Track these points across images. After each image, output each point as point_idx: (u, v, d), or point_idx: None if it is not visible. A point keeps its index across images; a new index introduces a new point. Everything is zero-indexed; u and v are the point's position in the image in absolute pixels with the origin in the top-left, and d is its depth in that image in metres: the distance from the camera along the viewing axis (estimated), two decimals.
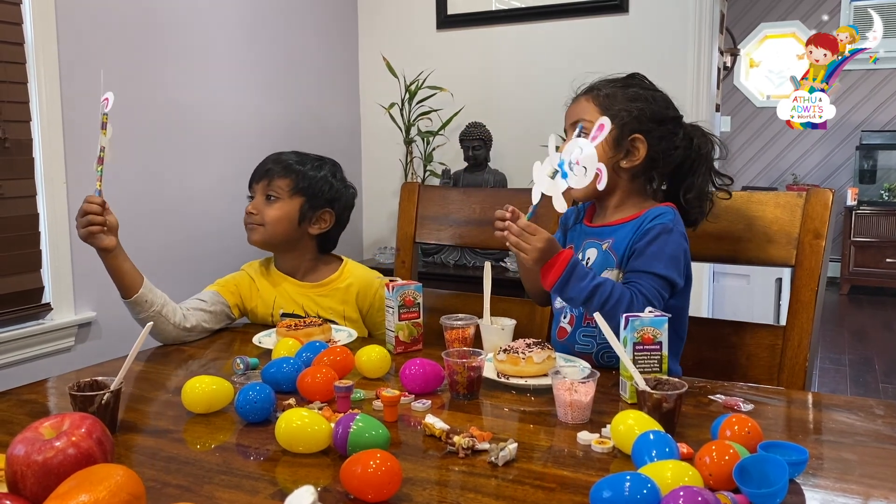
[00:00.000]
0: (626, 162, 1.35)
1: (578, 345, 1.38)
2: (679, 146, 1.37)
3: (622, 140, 1.34)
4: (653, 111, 1.34)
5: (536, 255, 1.21)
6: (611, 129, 1.28)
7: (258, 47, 2.72)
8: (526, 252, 1.22)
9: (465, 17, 3.05)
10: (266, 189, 1.64)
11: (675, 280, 1.29)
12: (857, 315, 5.16)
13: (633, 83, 1.39)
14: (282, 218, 1.63)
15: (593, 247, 1.39)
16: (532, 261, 1.22)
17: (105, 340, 2.16)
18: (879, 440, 0.98)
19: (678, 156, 1.37)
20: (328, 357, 1.22)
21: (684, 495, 0.70)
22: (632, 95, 1.35)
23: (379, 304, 1.69)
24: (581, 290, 1.22)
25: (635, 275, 1.28)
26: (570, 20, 2.89)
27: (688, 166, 1.39)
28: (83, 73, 2.08)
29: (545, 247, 1.22)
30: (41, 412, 1.13)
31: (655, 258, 1.28)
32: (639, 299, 1.23)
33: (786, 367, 1.39)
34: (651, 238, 1.29)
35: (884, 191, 5.88)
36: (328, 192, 1.68)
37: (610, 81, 1.39)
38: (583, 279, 1.22)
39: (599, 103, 1.35)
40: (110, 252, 1.41)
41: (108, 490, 0.69)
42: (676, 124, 1.37)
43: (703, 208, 1.39)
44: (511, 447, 0.91)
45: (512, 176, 2.96)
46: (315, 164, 1.69)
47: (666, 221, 1.30)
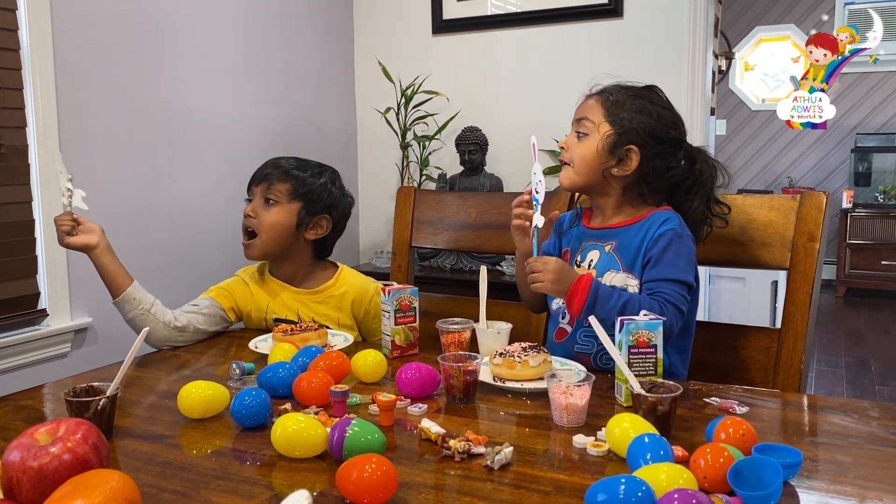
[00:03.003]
0: (618, 170, 1.35)
1: (578, 345, 1.38)
2: (674, 167, 1.37)
3: (618, 148, 1.34)
4: (653, 128, 1.34)
5: (552, 276, 1.26)
6: (609, 132, 1.33)
7: (254, 52, 2.72)
8: (542, 281, 1.27)
9: (460, 21, 3.06)
10: (265, 192, 1.65)
11: (693, 283, 1.32)
12: (853, 317, 5.17)
13: (645, 96, 1.38)
14: (279, 223, 1.63)
15: (595, 248, 1.39)
16: (550, 284, 1.27)
17: (101, 346, 2.16)
18: (874, 442, 0.98)
19: (674, 175, 1.37)
20: (324, 362, 1.22)
21: (679, 498, 0.71)
22: (639, 107, 1.35)
23: (374, 312, 1.69)
24: (610, 309, 1.23)
25: (657, 283, 1.29)
26: (565, 25, 2.89)
27: (685, 188, 1.39)
28: (79, 79, 2.08)
29: (558, 268, 1.27)
30: (37, 418, 1.13)
31: (673, 265, 1.29)
32: (668, 308, 1.25)
33: (781, 369, 1.40)
34: (665, 245, 1.30)
35: (879, 193, 5.90)
36: (326, 199, 1.68)
37: (624, 88, 1.39)
38: (609, 299, 1.24)
39: (606, 107, 1.36)
40: (93, 249, 1.46)
41: (103, 495, 0.69)
42: (676, 146, 1.37)
43: (699, 233, 1.40)
44: (507, 451, 0.91)
45: (508, 180, 2.96)
46: (315, 170, 1.70)
47: (675, 226, 1.32)
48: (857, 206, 5.76)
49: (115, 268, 1.49)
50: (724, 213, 1.42)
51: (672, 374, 1.34)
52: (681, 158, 1.37)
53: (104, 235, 1.49)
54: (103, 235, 1.48)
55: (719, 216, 1.42)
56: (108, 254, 1.48)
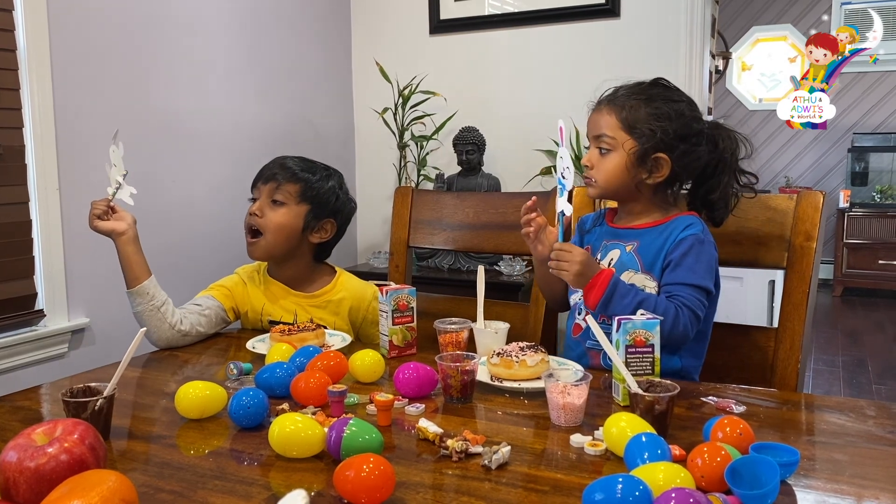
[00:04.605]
0: (651, 179, 1.35)
1: (590, 341, 1.38)
2: (701, 155, 1.36)
3: (646, 159, 1.33)
4: (676, 129, 1.32)
5: (578, 268, 1.25)
6: (633, 147, 1.32)
7: (251, 53, 2.72)
8: (566, 269, 1.26)
9: (458, 21, 3.06)
10: (273, 192, 1.63)
11: (711, 289, 1.32)
12: (850, 317, 5.17)
13: (657, 96, 1.36)
14: (286, 224, 1.62)
15: (616, 248, 1.39)
16: (573, 275, 1.26)
17: (98, 347, 2.15)
18: (870, 441, 0.98)
19: (702, 163, 1.37)
20: (322, 362, 1.22)
21: (676, 497, 0.71)
22: (655, 112, 1.33)
23: (372, 318, 1.68)
24: (625, 307, 1.23)
25: (676, 287, 1.29)
26: (562, 25, 2.90)
27: (711, 169, 1.38)
28: (76, 79, 2.08)
29: (584, 259, 1.26)
30: (34, 418, 1.12)
31: (692, 269, 1.30)
32: (683, 312, 1.26)
33: (778, 368, 1.40)
34: (686, 250, 1.30)
35: (876, 193, 5.90)
36: (334, 203, 1.67)
37: (633, 92, 1.36)
38: (625, 296, 1.25)
39: (622, 118, 1.34)
40: (120, 236, 1.48)
41: (100, 496, 0.69)
42: (700, 136, 1.35)
43: (728, 206, 1.40)
44: (504, 450, 0.91)
45: (505, 180, 2.97)
46: (324, 173, 1.68)
47: (697, 232, 1.32)
48: (854, 206, 5.77)
49: (137, 259, 1.50)
50: (752, 182, 1.41)
51: (682, 376, 1.33)
52: (704, 145, 1.36)
53: (134, 226, 1.51)
54: (133, 225, 1.51)
55: (747, 186, 1.41)
56: (133, 243, 1.50)
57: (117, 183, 1.48)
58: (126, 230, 1.49)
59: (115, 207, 1.50)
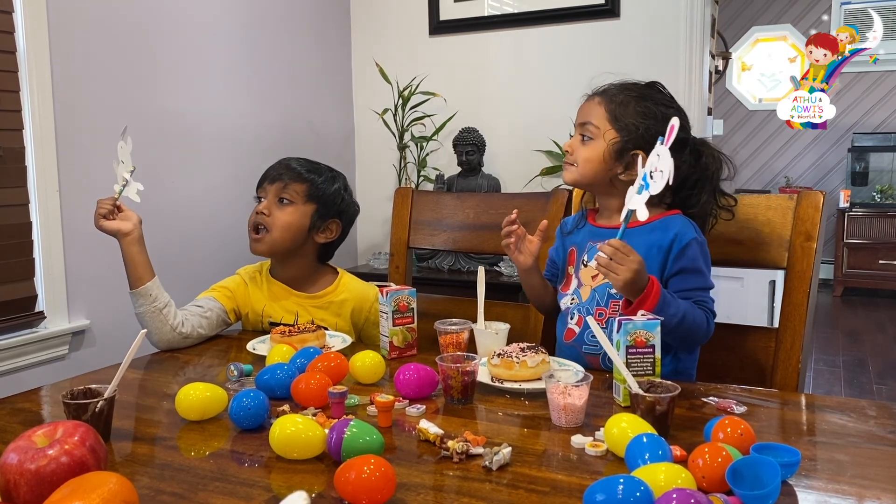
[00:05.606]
0: (625, 175, 1.35)
1: (586, 346, 1.38)
2: (681, 165, 1.35)
3: (624, 153, 1.34)
4: (659, 131, 1.31)
5: (630, 275, 1.18)
6: (615, 139, 1.33)
7: (252, 54, 2.72)
8: (618, 273, 1.18)
9: (457, 22, 3.06)
10: (280, 192, 1.64)
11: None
12: (850, 317, 5.17)
13: (649, 96, 1.37)
14: (293, 222, 1.63)
15: None
16: (623, 281, 1.18)
17: (99, 348, 2.15)
18: (872, 441, 0.98)
19: (681, 173, 1.36)
20: (322, 363, 1.22)
21: (677, 497, 0.71)
22: (643, 111, 1.34)
23: (374, 319, 1.68)
24: (671, 316, 1.21)
25: (696, 293, 1.31)
26: (562, 25, 2.90)
27: (691, 182, 1.38)
28: (76, 81, 2.08)
29: (639, 268, 1.18)
30: (35, 421, 1.12)
31: (703, 274, 1.32)
32: (711, 317, 1.29)
33: (779, 368, 1.40)
34: (694, 255, 1.31)
35: (876, 192, 5.90)
36: (339, 204, 1.70)
37: (626, 88, 1.38)
38: (671, 305, 1.23)
39: (610, 110, 1.35)
40: (125, 236, 1.48)
41: (101, 498, 0.69)
42: (682, 146, 1.35)
43: (706, 225, 1.40)
44: (505, 451, 0.91)
45: (505, 180, 2.97)
46: (329, 175, 1.71)
47: (696, 234, 1.33)
48: (854, 206, 5.77)
49: (141, 259, 1.50)
50: (731, 205, 1.42)
51: (680, 373, 1.34)
52: (686, 155, 1.36)
53: (140, 226, 1.51)
54: (139, 226, 1.51)
55: (725, 208, 1.42)
56: (137, 244, 1.50)
57: (124, 180, 1.47)
58: (132, 230, 1.49)
59: (122, 206, 1.50)
